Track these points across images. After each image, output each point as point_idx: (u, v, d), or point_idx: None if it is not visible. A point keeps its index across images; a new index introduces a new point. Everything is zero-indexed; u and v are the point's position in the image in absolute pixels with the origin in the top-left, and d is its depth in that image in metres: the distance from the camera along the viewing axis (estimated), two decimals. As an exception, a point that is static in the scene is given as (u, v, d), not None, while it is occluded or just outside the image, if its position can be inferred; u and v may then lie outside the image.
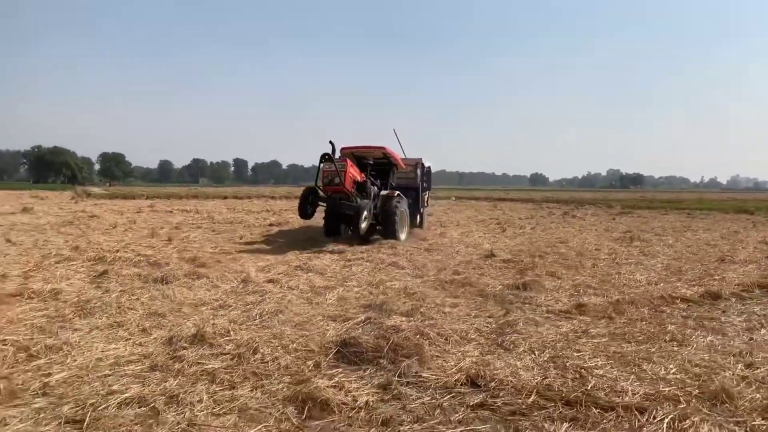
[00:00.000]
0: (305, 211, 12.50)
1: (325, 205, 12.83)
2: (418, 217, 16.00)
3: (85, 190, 46.59)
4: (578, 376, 4.36)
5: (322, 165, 12.28)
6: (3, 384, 4.01)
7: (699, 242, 14.44)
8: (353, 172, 12.48)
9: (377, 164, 14.10)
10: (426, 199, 18.10)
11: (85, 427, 3.45)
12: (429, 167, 18.34)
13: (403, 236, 13.58)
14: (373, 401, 3.85)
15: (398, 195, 13.73)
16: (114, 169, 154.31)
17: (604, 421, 3.60)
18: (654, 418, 3.61)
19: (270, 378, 4.28)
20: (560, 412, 3.71)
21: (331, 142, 12.73)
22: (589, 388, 4.09)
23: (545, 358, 4.79)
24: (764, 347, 5.24)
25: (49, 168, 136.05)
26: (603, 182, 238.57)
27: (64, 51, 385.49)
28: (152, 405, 3.74)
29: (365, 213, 12.11)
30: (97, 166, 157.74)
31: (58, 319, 5.77)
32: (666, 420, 3.56)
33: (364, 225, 12.06)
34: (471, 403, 3.84)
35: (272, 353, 4.81)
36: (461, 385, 4.16)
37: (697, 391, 4.05)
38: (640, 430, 3.46)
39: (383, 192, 13.79)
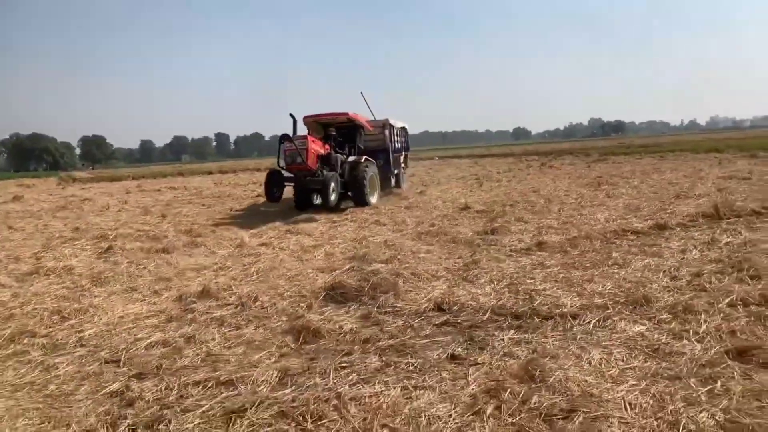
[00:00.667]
0: (272, 194, 12.46)
1: (292, 184, 12.86)
2: (392, 178, 16.38)
3: (70, 176, 46.54)
4: (528, 297, 5.22)
5: (282, 145, 12.35)
6: (46, 340, 4.79)
7: (662, 182, 15.37)
8: (315, 147, 12.36)
9: (343, 129, 14.19)
10: (404, 160, 18.67)
11: (121, 364, 4.24)
12: (404, 128, 18.87)
13: (374, 200, 13.66)
14: (356, 327, 4.67)
15: (366, 160, 13.80)
16: (95, 152, 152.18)
17: (544, 326, 4.44)
18: (584, 321, 4.47)
19: (269, 319, 5.09)
20: (509, 323, 4.56)
21: (291, 115, 12.80)
22: (535, 305, 4.94)
23: (502, 286, 5.65)
24: (691, 264, 6.11)
25: (30, 155, 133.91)
26: (585, 132, 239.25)
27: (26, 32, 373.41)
28: (174, 345, 4.54)
29: (332, 185, 12.09)
30: (78, 150, 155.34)
31: (78, 289, 6.50)
32: (593, 321, 4.42)
33: (333, 197, 12.07)
34: (437, 323, 4.68)
35: (270, 300, 5.62)
36: (430, 310, 4.99)
37: (623, 299, 4.92)
38: (571, 330, 4.32)
39: (350, 159, 13.78)
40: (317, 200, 13.36)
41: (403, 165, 18.24)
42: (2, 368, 4.22)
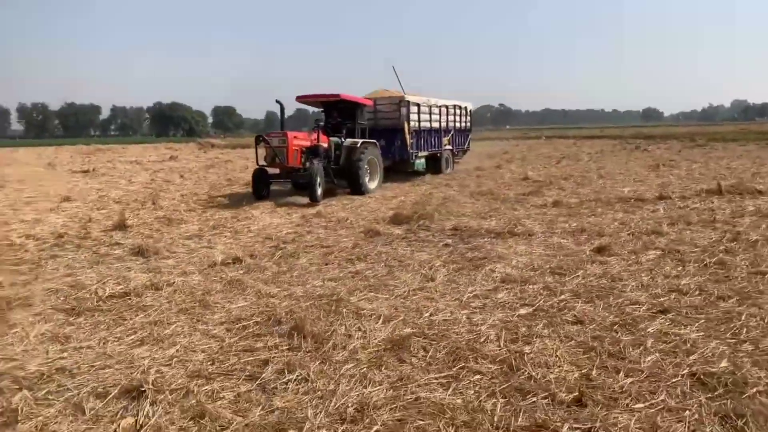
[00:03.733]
0: (259, 192, 11.76)
1: (280, 180, 12.29)
2: (412, 161, 15.41)
3: (208, 142, 53.54)
4: (514, 225, 8.17)
5: (258, 146, 11.89)
6: (232, 231, 8.58)
7: (718, 168, 16.87)
8: (297, 143, 11.54)
9: (340, 108, 13.29)
10: (464, 141, 19.26)
11: (273, 239, 7.84)
12: (458, 106, 18.49)
13: (373, 186, 13.07)
14: (401, 233, 7.95)
15: (363, 143, 12.96)
16: (226, 122, 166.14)
17: (514, 238, 7.42)
18: (536, 237, 7.40)
19: (353, 228, 8.53)
20: (493, 236, 7.59)
21: (278, 101, 12.29)
22: (515, 230, 7.90)
23: (502, 222, 8.63)
24: (647, 220, 8.64)
25: (169, 122, 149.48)
26: (725, 115, 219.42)
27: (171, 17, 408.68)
28: (299, 233, 8.10)
29: (319, 179, 11.33)
30: (210, 119, 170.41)
31: (242, 209, 10.40)
32: (541, 238, 7.35)
33: (320, 191, 11.33)
34: (448, 234, 7.83)
35: (356, 220, 9.07)
36: (448, 230, 8.13)
37: (572, 231, 7.74)
38: (524, 239, 7.28)
39: (346, 142, 12.83)
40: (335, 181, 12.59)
41: (449, 147, 17.70)
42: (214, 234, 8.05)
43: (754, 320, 4.05)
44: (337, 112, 13.26)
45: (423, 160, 16.35)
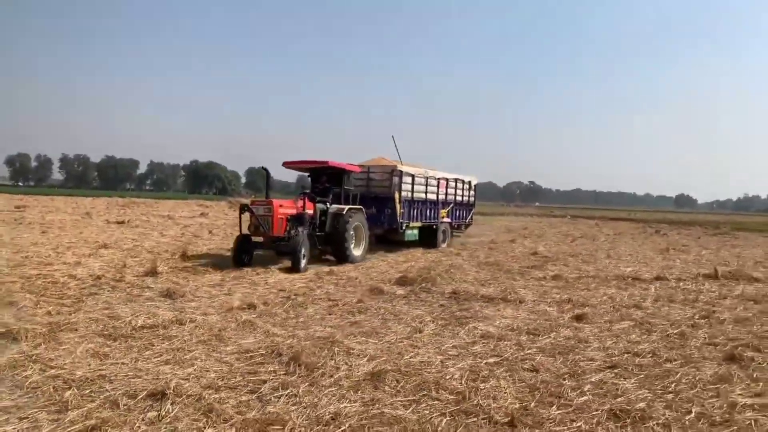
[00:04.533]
0: (240, 260, 11.28)
1: (261, 250, 11.78)
2: (401, 231, 15.18)
3: (238, 201, 55.60)
4: (508, 293, 8.85)
5: (242, 215, 11.71)
6: (250, 282, 9.45)
7: (727, 255, 17.31)
8: (283, 211, 11.39)
9: (328, 173, 13.19)
10: (466, 216, 19.10)
11: (293, 297, 8.67)
12: (461, 180, 18.54)
13: (358, 253, 12.92)
14: (403, 293, 8.71)
15: (349, 209, 12.72)
16: (258, 182, 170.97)
17: (504, 303, 8.11)
18: (525, 304, 8.08)
19: (360, 286, 9.32)
20: (486, 301, 8.28)
21: (263, 168, 12.24)
22: (508, 296, 8.58)
23: (499, 290, 9.32)
24: (634, 296, 9.24)
25: (203, 181, 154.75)
26: (761, 205, 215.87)
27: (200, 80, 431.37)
28: (311, 288, 8.92)
29: (303, 251, 11.08)
30: (243, 180, 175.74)
31: (262, 260, 11.32)
32: (530, 304, 8.03)
33: (304, 262, 11.06)
34: (446, 296, 8.56)
35: (364, 280, 9.89)
36: (447, 293, 8.85)
37: (559, 300, 8.40)
38: (514, 305, 7.96)
39: (332, 208, 12.66)
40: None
41: (448, 220, 17.64)
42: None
43: (687, 378, 4.69)
44: (325, 177, 13.25)
45: (415, 231, 16.11)
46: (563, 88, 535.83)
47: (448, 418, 3.72)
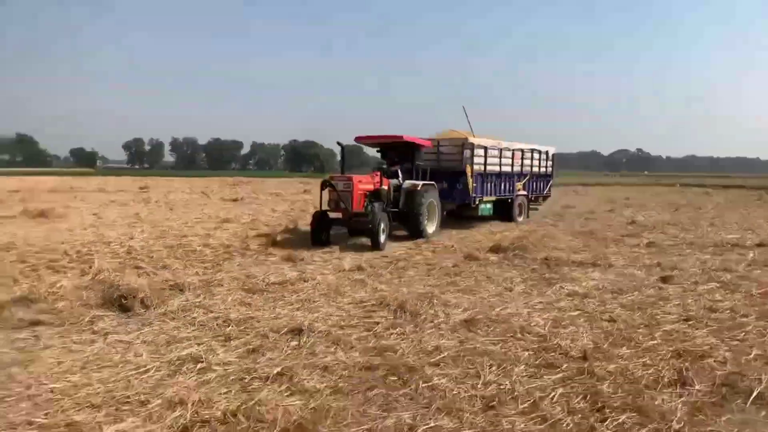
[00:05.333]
0: (318, 237, 11.18)
1: (341, 227, 11.73)
2: (474, 205, 14.59)
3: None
4: (599, 259, 9.25)
5: (322, 190, 11.58)
6: (355, 248, 10.54)
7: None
8: (362, 186, 11.28)
9: (399, 149, 12.99)
10: (544, 188, 18.31)
11: (395, 262, 9.64)
12: (547, 152, 18.13)
13: (431, 230, 12.74)
14: (497, 259, 9.39)
15: (423, 185, 12.56)
16: (352, 160, 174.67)
17: (594, 267, 8.56)
18: (614, 270, 8.51)
19: (456, 253, 10.09)
20: (576, 265, 8.77)
21: (339, 143, 12.45)
22: (598, 262, 8.98)
23: (591, 255, 9.71)
24: (729, 261, 9.30)
25: (303, 159, 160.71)
26: None
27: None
28: (412, 256, 9.83)
29: (383, 225, 10.96)
30: (338, 158, 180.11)
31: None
32: (619, 270, 8.44)
33: (383, 238, 10.91)
34: (538, 262, 9.14)
35: (460, 248, 10.66)
36: (540, 259, 9.39)
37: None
38: (606, 271, 8.41)
39: (405, 184, 12.53)
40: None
41: (524, 193, 16.91)
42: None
43: (757, 329, 5.10)
44: (396, 153, 13.15)
45: (489, 206, 15.53)
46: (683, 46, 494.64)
47: (529, 352, 4.50)
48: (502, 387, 3.86)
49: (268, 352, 4.55)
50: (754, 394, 3.73)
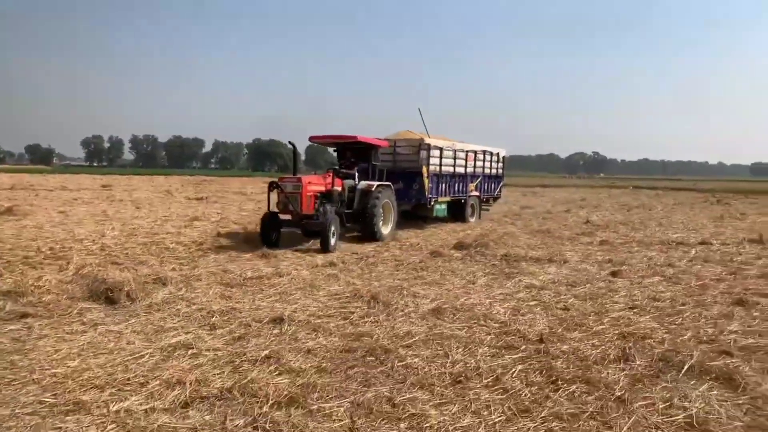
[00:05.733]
0: (268, 238, 10.86)
1: (290, 228, 11.13)
2: (429, 206, 14.80)
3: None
4: (555, 255, 9.90)
5: (270, 192, 11.17)
6: (326, 246, 10.95)
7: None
8: (312, 188, 10.95)
9: (355, 149, 12.86)
10: (495, 189, 18.61)
11: (365, 258, 10.07)
12: (498, 153, 18.48)
13: (386, 231, 12.57)
14: (460, 255, 9.93)
15: (378, 186, 12.31)
16: (318, 160, 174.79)
17: (549, 263, 9.18)
18: (568, 266, 9.15)
19: (422, 250, 10.60)
20: (533, 261, 9.38)
21: (290, 143, 12.51)
22: (553, 258, 9.63)
23: (547, 252, 10.36)
24: (672, 258, 10.09)
25: (266, 158, 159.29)
26: None
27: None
28: (380, 252, 10.27)
29: (332, 229, 10.64)
30: (303, 156, 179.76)
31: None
32: (573, 265, 9.08)
33: (333, 241, 10.64)
34: (498, 258, 9.71)
35: (425, 245, 11.17)
36: (500, 256, 9.99)
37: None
38: (561, 266, 9.03)
39: (360, 185, 12.28)
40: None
41: (477, 194, 17.21)
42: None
43: (693, 315, 5.78)
44: (351, 153, 12.95)
45: (444, 206, 15.80)
46: (629, 54, 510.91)
47: (492, 336, 5.01)
48: (468, 365, 4.34)
49: (253, 339, 4.92)
50: (686, 366, 4.31)
